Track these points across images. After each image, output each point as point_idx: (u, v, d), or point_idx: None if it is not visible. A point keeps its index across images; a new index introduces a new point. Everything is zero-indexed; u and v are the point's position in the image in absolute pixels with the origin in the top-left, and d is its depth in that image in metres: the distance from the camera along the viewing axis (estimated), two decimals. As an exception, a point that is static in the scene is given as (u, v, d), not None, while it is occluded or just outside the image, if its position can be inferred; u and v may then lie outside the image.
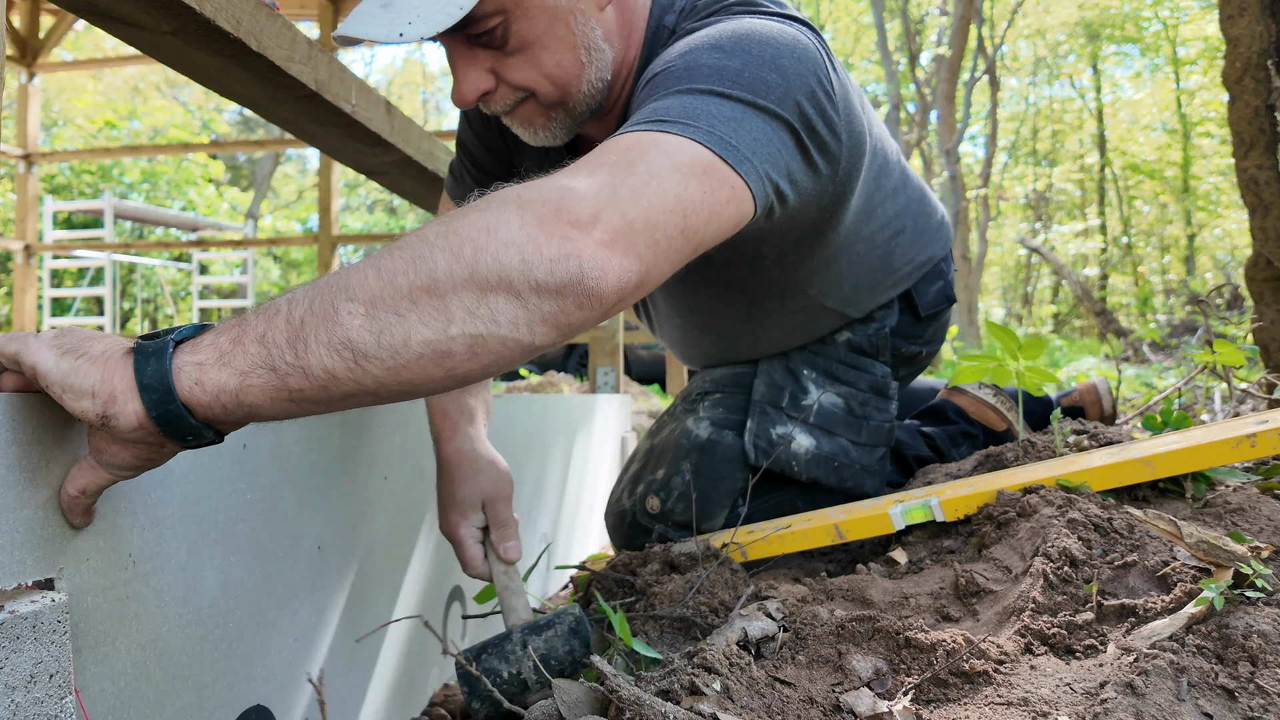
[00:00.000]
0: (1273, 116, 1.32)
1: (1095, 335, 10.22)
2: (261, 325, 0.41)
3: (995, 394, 1.08)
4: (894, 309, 0.95)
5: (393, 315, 0.42)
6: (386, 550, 0.71)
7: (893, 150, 0.93)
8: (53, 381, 0.39)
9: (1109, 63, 14.45)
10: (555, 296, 0.44)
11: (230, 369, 0.40)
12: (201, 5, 0.57)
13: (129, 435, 0.40)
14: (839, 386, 0.91)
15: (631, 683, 0.47)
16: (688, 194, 0.51)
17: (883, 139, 0.89)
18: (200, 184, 14.65)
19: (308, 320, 0.41)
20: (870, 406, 0.91)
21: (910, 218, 0.94)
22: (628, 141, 0.53)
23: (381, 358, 0.42)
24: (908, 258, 0.94)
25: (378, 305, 0.42)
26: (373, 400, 0.44)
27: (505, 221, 0.45)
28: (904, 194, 0.93)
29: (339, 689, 0.63)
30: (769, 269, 0.86)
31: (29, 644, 0.36)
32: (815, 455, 0.87)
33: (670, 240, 0.50)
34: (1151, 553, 0.57)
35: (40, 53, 4.52)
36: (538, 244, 0.44)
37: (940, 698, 0.49)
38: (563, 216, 0.45)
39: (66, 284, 8.47)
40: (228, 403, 0.40)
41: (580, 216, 0.46)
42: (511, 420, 1.05)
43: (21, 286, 4.44)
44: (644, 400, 3.55)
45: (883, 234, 0.90)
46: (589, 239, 0.45)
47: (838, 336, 0.93)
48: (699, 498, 0.85)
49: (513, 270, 0.43)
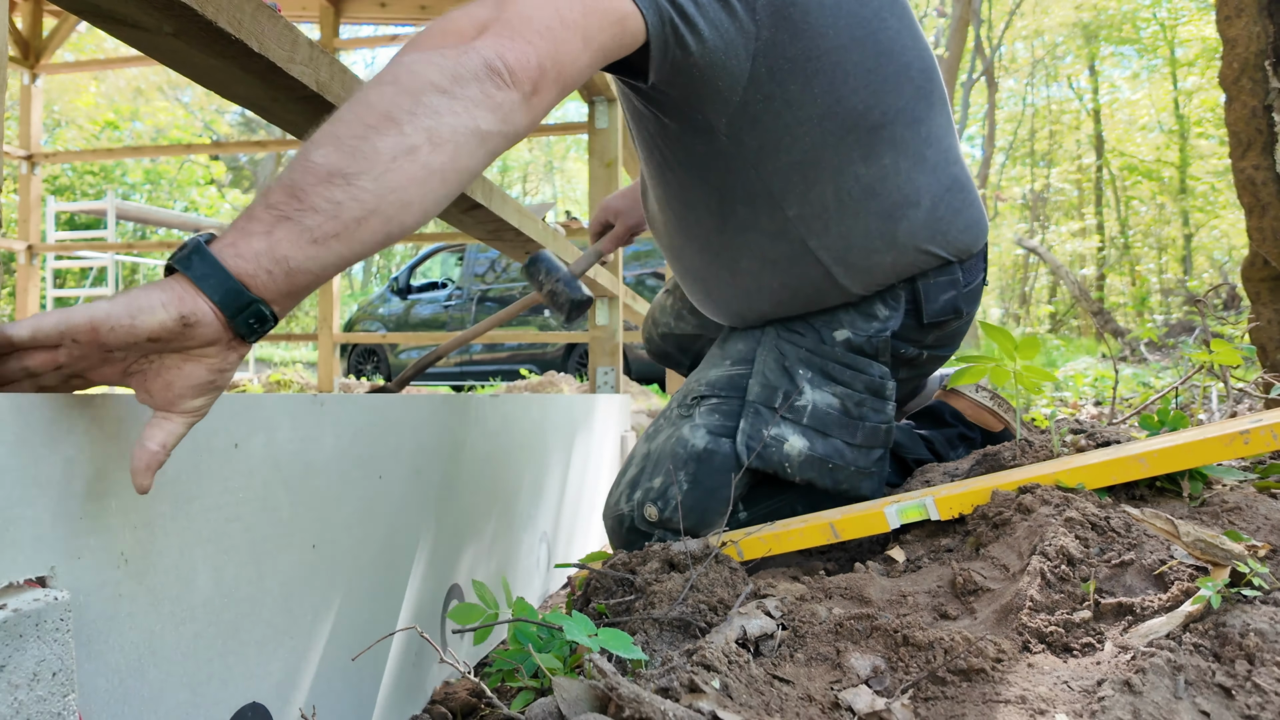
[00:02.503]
0: (1270, 117, 1.33)
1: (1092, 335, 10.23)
2: (262, 198, 0.47)
3: (991, 396, 1.08)
4: (899, 310, 0.92)
5: (358, 140, 0.49)
6: (383, 549, 0.71)
7: (923, 110, 0.89)
8: (117, 317, 0.41)
9: (1106, 64, 14.48)
10: (474, 81, 0.54)
11: (256, 234, 0.46)
12: (203, 7, 0.58)
13: (206, 334, 0.43)
14: (834, 386, 0.89)
15: (631, 680, 0.47)
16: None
17: (901, 82, 0.86)
18: (202, 185, 14.62)
19: (295, 177, 0.48)
20: (866, 407, 0.89)
21: (931, 197, 0.89)
22: None
23: (363, 169, 0.48)
24: (915, 237, 0.89)
25: (342, 139, 0.50)
26: (386, 224, 0.50)
27: (415, 52, 0.56)
28: (934, 169, 0.89)
29: (337, 687, 0.63)
30: (725, 146, 0.83)
31: (32, 642, 0.36)
32: (809, 457, 0.86)
33: (553, 30, 0.60)
34: (1149, 551, 0.57)
35: (43, 54, 4.52)
36: (443, 51, 0.55)
37: (938, 695, 0.49)
38: (458, 29, 0.58)
39: (69, 284, 8.48)
40: (268, 265, 0.45)
41: (473, 25, 0.58)
42: (511, 420, 1.05)
43: (24, 286, 4.44)
44: (644, 400, 3.55)
45: (886, 186, 0.86)
46: (483, 38, 0.57)
47: (836, 334, 0.91)
48: (697, 507, 0.85)
49: (432, 73, 0.53)
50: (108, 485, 0.43)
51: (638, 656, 0.53)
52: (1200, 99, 12.10)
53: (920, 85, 0.89)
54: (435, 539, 0.81)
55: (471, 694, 0.74)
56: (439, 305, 6.34)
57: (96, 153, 5.12)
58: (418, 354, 6.30)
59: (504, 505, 1.02)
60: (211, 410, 0.47)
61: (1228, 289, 5.67)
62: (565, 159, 21.89)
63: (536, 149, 21.75)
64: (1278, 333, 1.35)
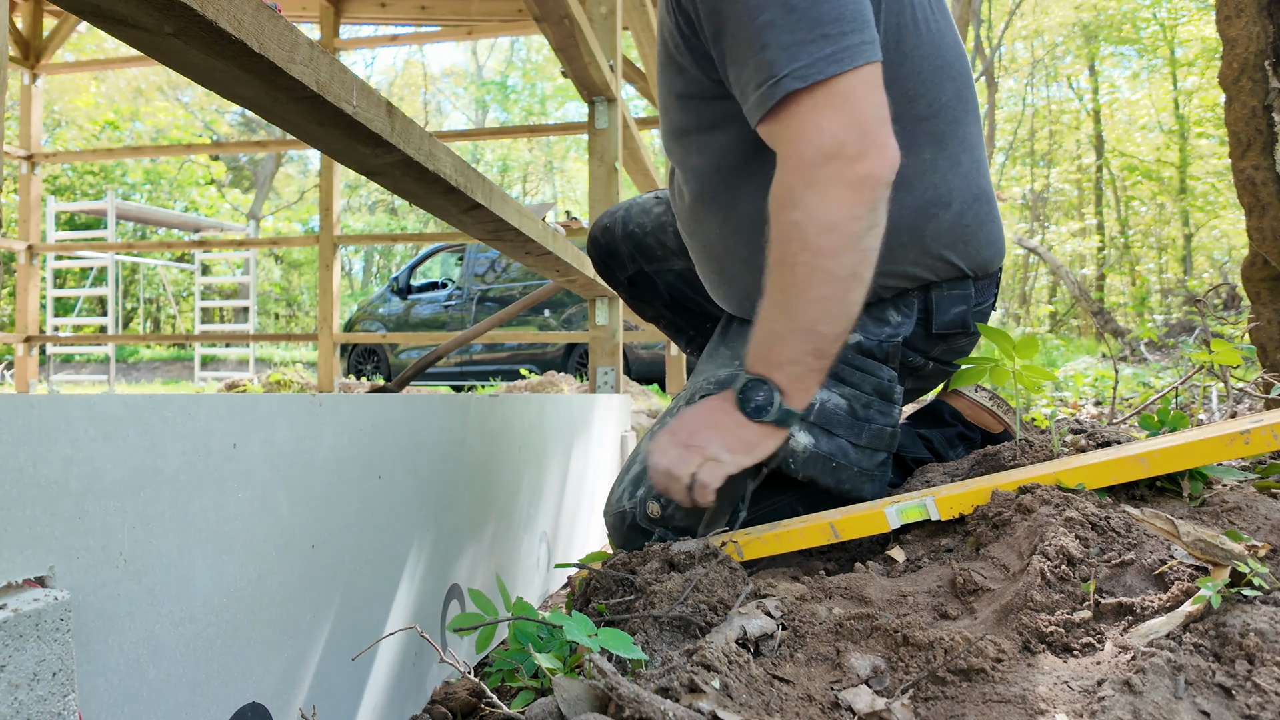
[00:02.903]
0: (1270, 117, 1.33)
1: (1092, 335, 10.23)
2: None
3: (990, 396, 1.07)
4: (911, 318, 0.92)
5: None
6: (382, 549, 0.71)
7: (955, 111, 0.89)
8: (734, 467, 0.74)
9: (1106, 64, 14.47)
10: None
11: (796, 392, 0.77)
12: (203, 7, 0.57)
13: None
14: (843, 387, 0.88)
15: (631, 680, 0.47)
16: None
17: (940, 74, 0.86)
18: (202, 185, 14.62)
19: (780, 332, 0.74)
20: (873, 409, 0.89)
21: (961, 201, 0.89)
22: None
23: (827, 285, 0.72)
24: (940, 240, 0.89)
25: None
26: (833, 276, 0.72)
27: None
28: (966, 175, 0.90)
29: (337, 687, 0.63)
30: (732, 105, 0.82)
31: (32, 642, 0.36)
32: (813, 454, 0.85)
33: None
34: (1149, 551, 0.57)
35: (43, 54, 4.52)
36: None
37: (938, 695, 0.49)
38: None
39: (70, 284, 8.48)
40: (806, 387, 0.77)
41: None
42: (511, 420, 1.05)
43: (25, 286, 4.45)
44: (644, 400, 3.55)
45: (923, 181, 0.86)
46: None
47: (849, 338, 0.90)
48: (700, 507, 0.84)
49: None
50: (106, 485, 0.43)
51: (638, 656, 0.53)
52: (1200, 99, 12.10)
53: (961, 87, 0.89)
54: (435, 539, 0.81)
55: (471, 694, 0.74)
56: (439, 305, 6.34)
57: (97, 153, 5.12)
58: (418, 354, 6.30)
59: (504, 505, 1.02)
60: (210, 410, 0.47)
61: (1228, 289, 5.67)
62: (565, 159, 21.89)
63: (537, 149, 21.74)
64: (1277, 332, 1.35)
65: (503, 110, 20.39)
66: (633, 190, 4.02)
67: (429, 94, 22.08)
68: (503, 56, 22.71)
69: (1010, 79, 14.81)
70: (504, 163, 21.37)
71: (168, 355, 12.05)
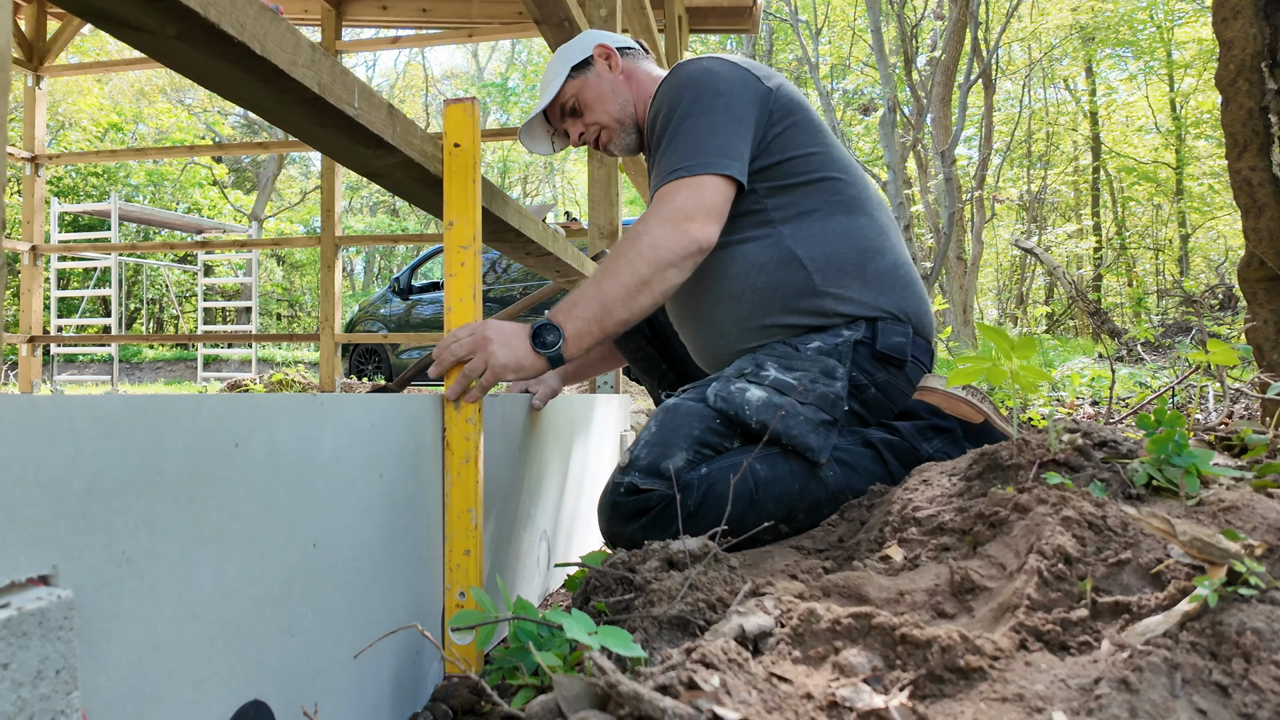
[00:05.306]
0: (1266, 118, 1.33)
1: (1089, 335, 10.23)
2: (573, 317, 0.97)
3: (964, 386, 1.08)
4: (859, 334, 1.10)
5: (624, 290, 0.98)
6: (383, 548, 0.71)
7: (869, 200, 1.19)
8: (499, 370, 0.90)
9: (1103, 66, 14.49)
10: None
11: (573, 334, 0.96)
12: (206, 10, 0.58)
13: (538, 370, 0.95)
14: (795, 373, 1.07)
15: (630, 678, 0.47)
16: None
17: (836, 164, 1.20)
18: (205, 186, 14.60)
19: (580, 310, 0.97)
20: (819, 383, 1.05)
21: (893, 257, 1.15)
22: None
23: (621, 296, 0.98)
24: (881, 278, 1.13)
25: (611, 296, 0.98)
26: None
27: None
28: (895, 246, 1.17)
29: (339, 685, 0.63)
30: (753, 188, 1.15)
31: (35, 640, 0.36)
32: (766, 402, 1.02)
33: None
34: (1145, 550, 0.58)
35: (47, 56, 4.53)
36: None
37: (936, 693, 0.50)
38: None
39: (73, 285, 8.48)
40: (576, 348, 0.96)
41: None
42: (511, 420, 1.05)
43: (29, 287, 4.45)
44: (643, 400, 3.55)
45: (862, 234, 1.14)
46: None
47: (809, 345, 1.09)
48: (660, 440, 1.00)
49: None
50: (109, 484, 0.43)
51: (637, 654, 0.53)
52: (1197, 100, 12.12)
53: (872, 192, 1.19)
54: (436, 539, 0.81)
55: (472, 691, 0.74)
56: (440, 306, 6.34)
57: (100, 154, 5.12)
58: (419, 354, 6.30)
59: (504, 505, 1.02)
60: (212, 410, 0.47)
61: (1224, 290, 5.67)
62: (565, 160, 21.91)
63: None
64: (1274, 333, 1.35)
65: (503, 112, 20.42)
66: (632, 191, 4.01)
67: (430, 96, 22.13)
68: (503, 59, 22.77)
69: (1008, 81, 14.82)
70: (504, 164, 21.41)
71: (170, 356, 12.04)
